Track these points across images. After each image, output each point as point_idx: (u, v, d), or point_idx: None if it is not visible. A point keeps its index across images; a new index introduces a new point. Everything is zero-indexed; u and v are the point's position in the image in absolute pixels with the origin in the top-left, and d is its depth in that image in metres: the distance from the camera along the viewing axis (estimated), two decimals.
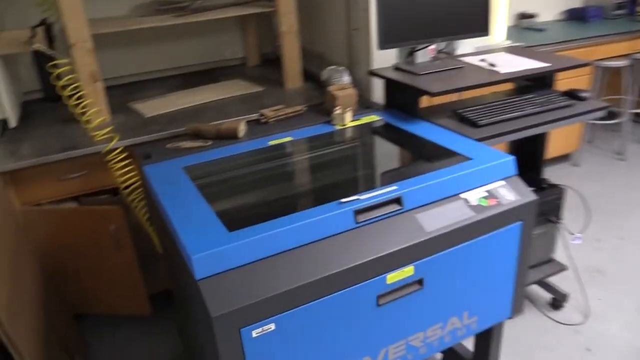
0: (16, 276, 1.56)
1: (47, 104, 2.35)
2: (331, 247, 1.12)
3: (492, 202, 1.29)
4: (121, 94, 2.47)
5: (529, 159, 2.03)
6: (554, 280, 2.16)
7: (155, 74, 2.74)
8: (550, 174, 3.18)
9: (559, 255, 2.15)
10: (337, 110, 1.68)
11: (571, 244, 2.44)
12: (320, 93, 2.08)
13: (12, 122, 2.03)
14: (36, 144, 1.91)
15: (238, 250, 1.04)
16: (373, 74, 1.84)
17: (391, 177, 1.32)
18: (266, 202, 1.27)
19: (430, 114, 1.72)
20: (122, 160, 1.82)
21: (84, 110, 1.89)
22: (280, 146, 1.55)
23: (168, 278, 1.80)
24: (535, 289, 2.21)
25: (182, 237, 1.07)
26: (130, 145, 1.91)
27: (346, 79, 2.09)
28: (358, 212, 1.16)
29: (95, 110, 1.96)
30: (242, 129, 1.63)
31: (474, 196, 1.29)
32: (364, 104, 1.85)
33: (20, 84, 2.42)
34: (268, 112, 1.76)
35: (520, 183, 1.35)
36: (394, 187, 1.21)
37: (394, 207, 1.20)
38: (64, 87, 1.82)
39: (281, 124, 1.72)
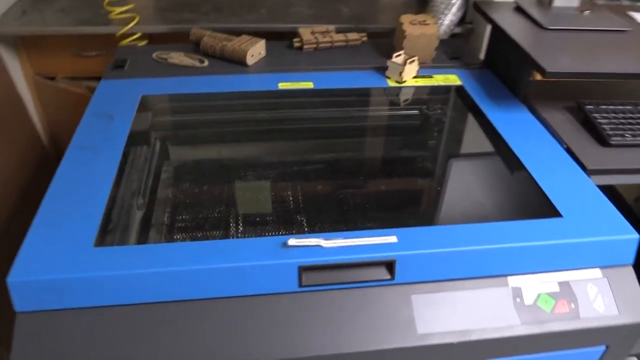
0: None
1: None
2: (243, 316, 0.68)
3: (563, 307, 0.73)
4: None
5: None
6: None
7: None
8: None
9: None
10: (396, 59, 1.11)
11: None
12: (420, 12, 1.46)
13: None
14: (60, 6, 1.60)
15: (85, 285, 0.65)
16: (478, 9, 1.19)
17: (398, 214, 0.80)
18: (192, 199, 0.84)
19: (542, 94, 1.08)
20: None
21: None
22: (290, 94, 1.06)
23: None
24: None
25: (30, 232, 0.70)
26: (152, 33, 1.54)
27: (456, 2, 1.44)
28: (306, 269, 0.68)
29: None
30: (253, 55, 1.14)
31: (534, 288, 0.73)
32: (452, 53, 1.24)
33: None
34: (308, 33, 1.24)
35: (631, 283, 0.75)
36: (390, 239, 0.71)
37: (378, 275, 0.70)
38: None
39: (318, 56, 1.20)
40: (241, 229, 0.91)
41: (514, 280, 0.73)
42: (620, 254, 0.75)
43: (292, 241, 0.69)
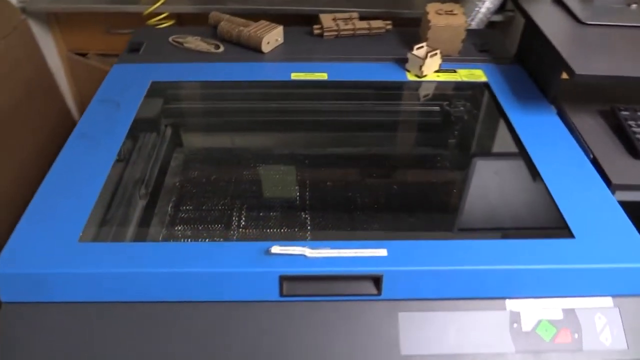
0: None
1: None
2: (222, 321, 0.66)
3: (565, 337, 0.67)
4: None
5: None
6: None
7: None
8: None
9: None
10: (417, 51, 1.04)
11: None
12: None
13: None
14: None
15: (65, 281, 0.65)
16: None
17: (392, 224, 0.76)
18: (188, 191, 0.82)
19: (575, 96, 1.00)
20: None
21: None
22: (301, 85, 1.02)
23: None
24: None
25: (20, 224, 0.70)
26: (180, 13, 1.53)
27: None
28: (288, 279, 0.66)
29: None
30: (269, 42, 1.11)
31: (534, 313, 0.68)
32: (482, 45, 1.16)
33: None
34: (329, 20, 1.18)
35: None
36: (379, 252, 0.67)
37: (364, 289, 0.67)
38: None
39: (338, 44, 1.15)
40: (243, 223, 0.89)
41: (512, 304, 0.68)
42: (636, 283, 0.68)
43: (276, 249, 0.66)
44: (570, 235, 0.71)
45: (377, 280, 0.66)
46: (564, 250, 0.68)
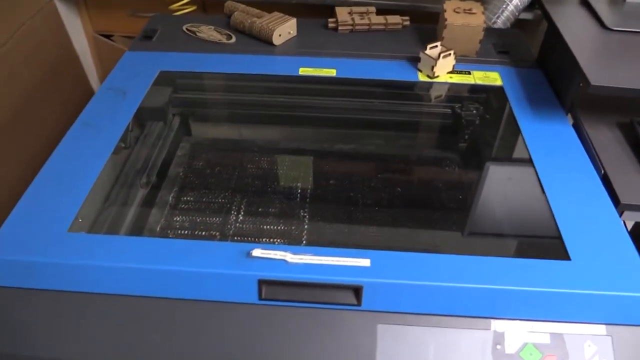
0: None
1: None
2: (199, 320, 0.66)
3: None
4: None
5: None
6: None
7: None
8: None
9: None
10: (430, 51, 1.01)
11: None
12: None
13: None
14: None
15: (50, 270, 0.66)
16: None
17: (380, 233, 0.74)
18: (180, 184, 0.82)
19: (593, 106, 0.95)
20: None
21: None
22: (309, 81, 1.00)
23: None
24: None
25: (14, 211, 0.72)
26: None
27: None
28: (267, 283, 0.65)
29: None
30: (281, 34, 1.09)
31: (520, 336, 0.65)
32: (502, 45, 1.11)
33: None
34: (345, 14, 1.16)
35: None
36: (361, 262, 0.65)
37: (343, 298, 0.66)
38: None
39: (352, 40, 1.12)
40: (240, 217, 0.89)
41: (498, 324, 0.66)
42: (633, 313, 0.65)
43: (257, 252, 0.66)
44: (566, 256, 0.67)
45: (357, 291, 0.65)
46: (557, 273, 0.65)
